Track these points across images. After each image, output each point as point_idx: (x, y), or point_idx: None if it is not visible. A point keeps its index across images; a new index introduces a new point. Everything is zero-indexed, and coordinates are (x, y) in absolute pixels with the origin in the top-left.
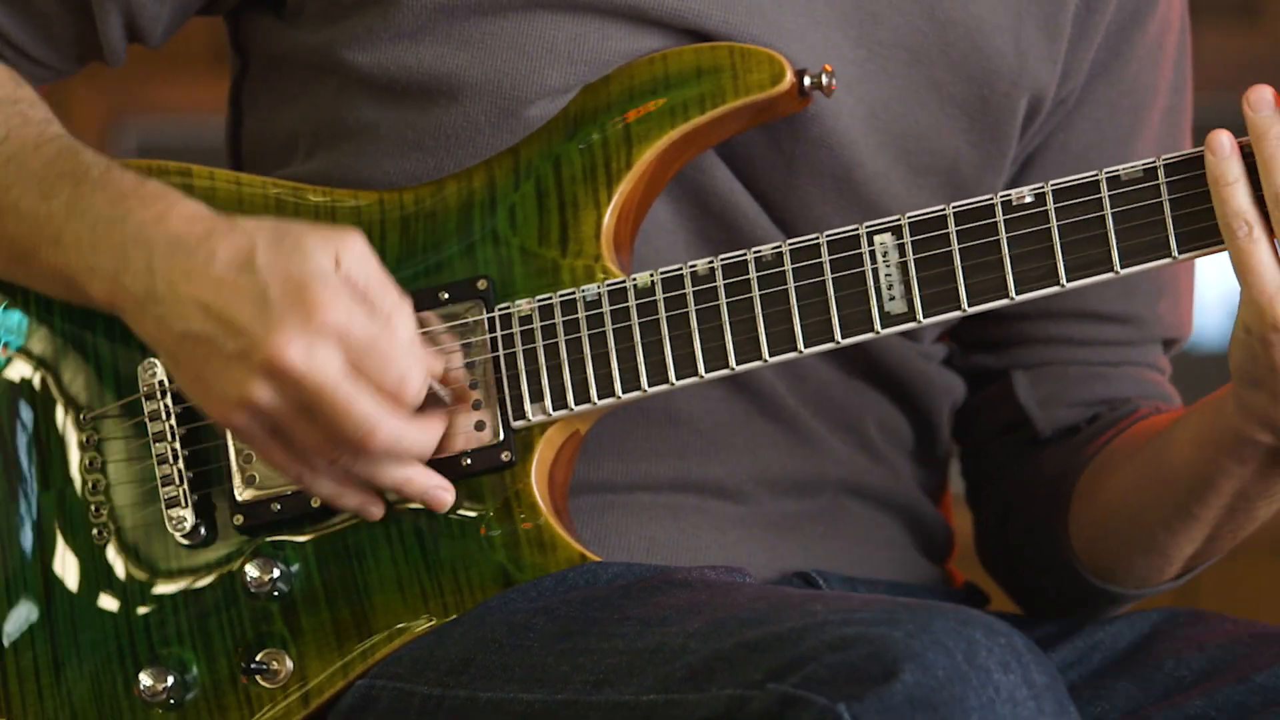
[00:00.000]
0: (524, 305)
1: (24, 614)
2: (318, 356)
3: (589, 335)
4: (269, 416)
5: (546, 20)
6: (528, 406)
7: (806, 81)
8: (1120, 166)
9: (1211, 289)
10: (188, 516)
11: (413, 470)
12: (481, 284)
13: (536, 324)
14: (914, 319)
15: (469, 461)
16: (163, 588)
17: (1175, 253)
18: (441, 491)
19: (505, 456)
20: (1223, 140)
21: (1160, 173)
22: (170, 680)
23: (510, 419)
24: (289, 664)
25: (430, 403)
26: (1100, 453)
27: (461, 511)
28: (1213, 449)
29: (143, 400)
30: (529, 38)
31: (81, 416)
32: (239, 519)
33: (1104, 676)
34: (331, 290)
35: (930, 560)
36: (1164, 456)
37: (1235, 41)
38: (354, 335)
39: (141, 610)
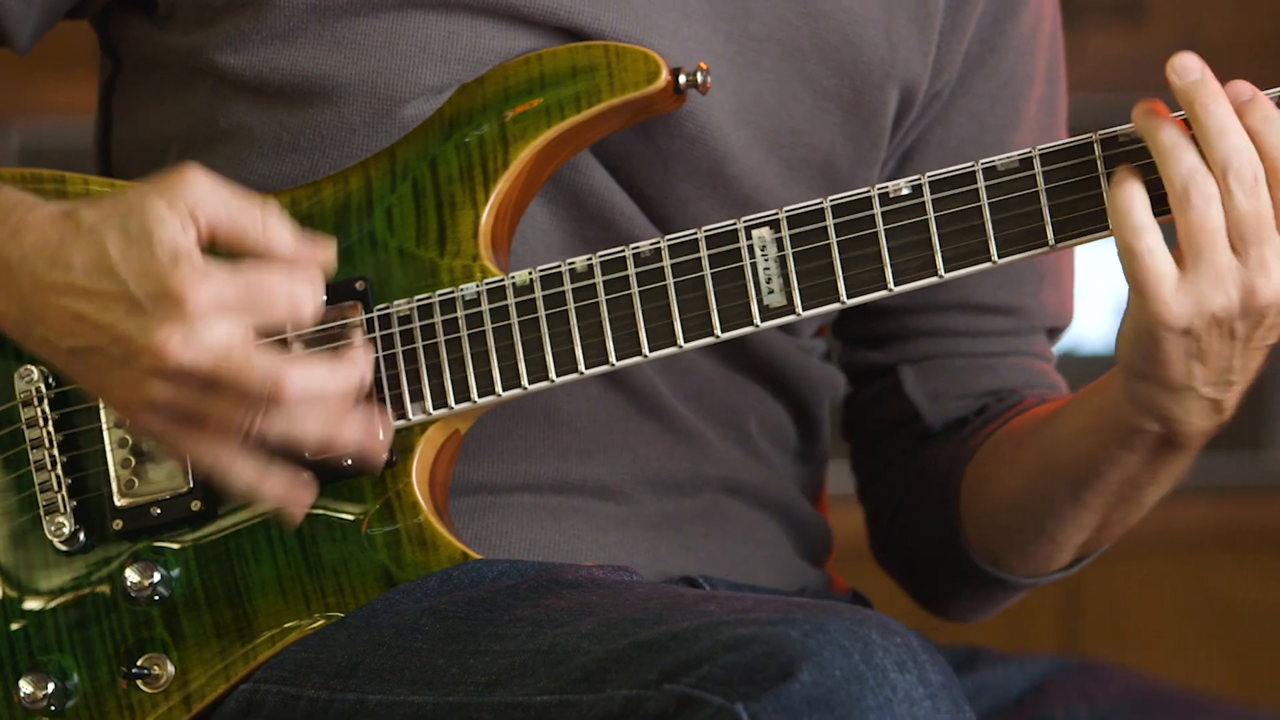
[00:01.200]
0: (402, 305)
1: None
2: (201, 338)
3: (468, 334)
4: (176, 408)
5: (419, 19)
6: (408, 406)
7: (682, 79)
8: (996, 157)
9: (1094, 289)
10: (66, 523)
11: (339, 425)
12: (360, 285)
13: (416, 324)
14: (793, 312)
15: (349, 462)
16: (42, 595)
17: (1052, 241)
18: (377, 452)
19: (386, 456)
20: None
21: (1036, 163)
22: (50, 687)
23: (390, 419)
24: (170, 668)
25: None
26: (985, 443)
27: (342, 512)
28: (1101, 439)
29: (19, 407)
30: (402, 37)
31: None
32: (118, 524)
33: None
34: (189, 268)
35: (810, 561)
36: (1052, 447)
37: (1119, 42)
38: (229, 297)
39: (20, 618)
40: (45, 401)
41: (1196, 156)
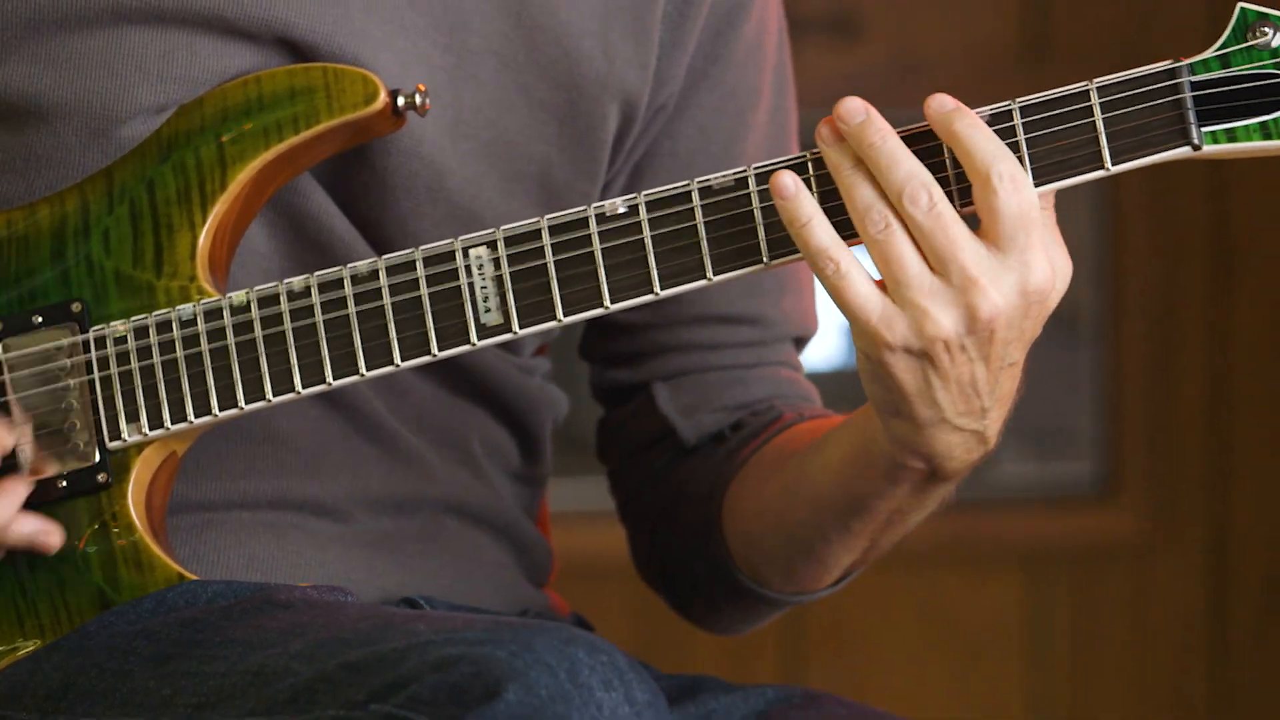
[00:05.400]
0: (119, 327)
1: None
2: None
3: (185, 355)
4: None
5: (134, 36)
6: (124, 427)
7: (400, 101)
8: (712, 176)
9: (826, 309)
10: None
11: (7, 530)
12: (76, 307)
13: (132, 345)
14: (510, 330)
15: (64, 484)
16: None
17: (766, 259)
18: (45, 536)
19: (101, 478)
20: (786, 182)
21: (751, 181)
22: None
23: (106, 440)
24: None
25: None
26: (748, 462)
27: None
28: (867, 473)
29: None
30: (117, 55)
31: None
32: None
33: None
34: None
35: (531, 581)
36: (816, 475)
37: (834, 59)
38: None
39: None
40: None
41: (871, 189)
